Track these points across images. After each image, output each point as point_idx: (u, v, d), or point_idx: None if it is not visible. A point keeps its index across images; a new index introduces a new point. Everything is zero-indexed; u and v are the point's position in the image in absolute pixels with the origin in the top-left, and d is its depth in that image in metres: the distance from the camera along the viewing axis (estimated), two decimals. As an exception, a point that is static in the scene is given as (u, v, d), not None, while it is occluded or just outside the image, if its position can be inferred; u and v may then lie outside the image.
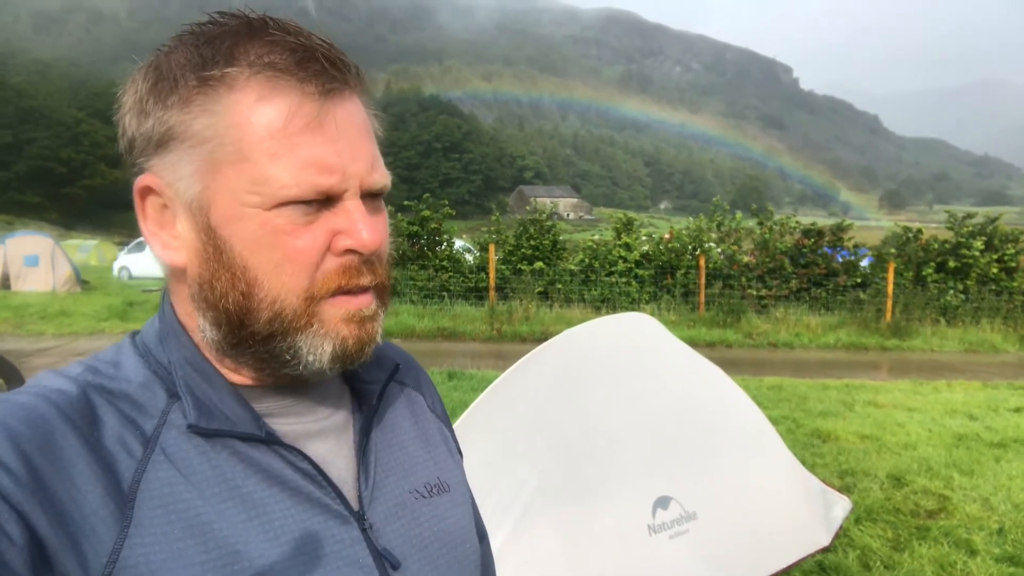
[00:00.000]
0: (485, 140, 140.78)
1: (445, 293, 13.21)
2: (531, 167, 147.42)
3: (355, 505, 0.68)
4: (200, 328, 0.64)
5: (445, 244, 14.07)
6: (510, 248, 14.04)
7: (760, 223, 14.26)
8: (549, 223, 14.53)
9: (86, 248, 33.92)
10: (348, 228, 0.62)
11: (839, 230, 13.90)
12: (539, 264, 13.55)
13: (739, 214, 14.83)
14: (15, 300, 14.14)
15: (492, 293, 12.75)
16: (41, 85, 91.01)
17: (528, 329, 11.05)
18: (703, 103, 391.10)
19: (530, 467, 2.81)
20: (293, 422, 0.68)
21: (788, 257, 13.62)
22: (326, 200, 0.62)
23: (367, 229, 0.62)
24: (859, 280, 13.38)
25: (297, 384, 0.68)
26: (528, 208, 15.36)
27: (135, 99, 0.62)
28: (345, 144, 0.62)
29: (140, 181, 0.62)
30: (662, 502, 3.00)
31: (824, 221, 15.05)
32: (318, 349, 0.63)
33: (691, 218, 15.31)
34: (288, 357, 0.63)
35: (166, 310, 0.67)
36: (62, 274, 16.91)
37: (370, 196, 0.65)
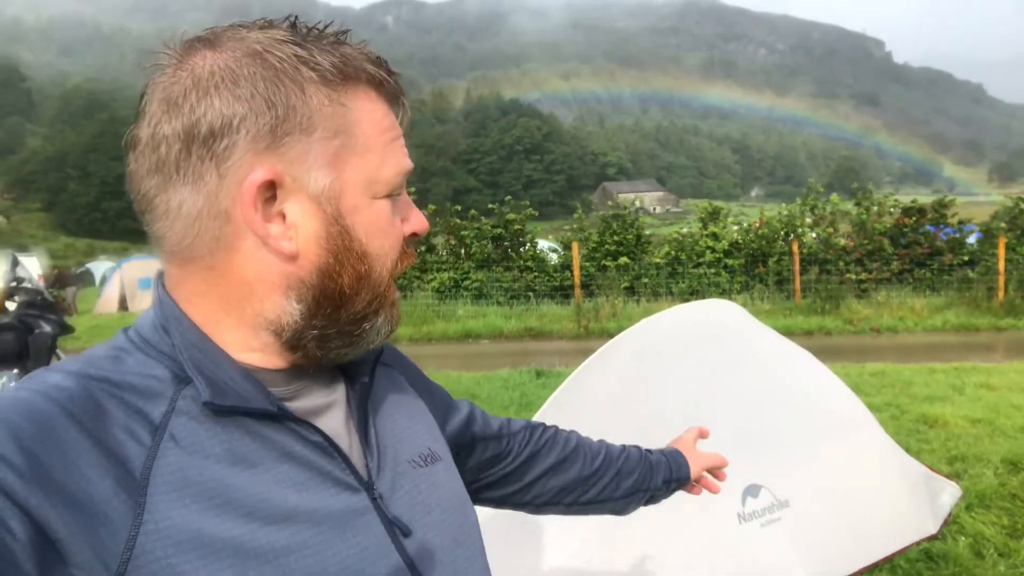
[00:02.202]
0: (566, 139, 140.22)
1: (531, 293, 13.30)
2: (614, 163, 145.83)
3: (364, 476, 0.71)
4: (279, 312, 0.66)
5: (529, 245, 14.15)
6: (594, 245, 13.97)
7: (857, 204, 13.64)
8: (632, 218, 14.37)
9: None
10: (409, 216, 0.73)
11: (941, 207, 13.12)
12: (623, 259, 13.43)
13: (834, 196, 14.22)
14: (131, 320, 15.13)
15: (577, 291, 12.72)
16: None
17: (615, 325, 10.95)
18: (791, 85, 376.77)
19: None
20: (300, 400, 0.70)
21: (888, 238, 12.96)
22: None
23: (422, 217, 0.74)
24: (966, 258, 12.58)
25: (306, 366, 0.70)
26: (611, 204, 15.25)
27: (224, 85, 0.62)
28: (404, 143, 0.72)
29: (259, 175, 0.62)
30: (752, 490, 2.93)
31: (925, 199, 14.22)
32: (384, 327, 0.72)
33: (784, 204, 14.81)
34: (363, 336, 0.71)
35: (163, 299, 0.68)
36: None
37: None
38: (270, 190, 0.63)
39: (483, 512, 0.94)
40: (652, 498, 1.19)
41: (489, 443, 1.03)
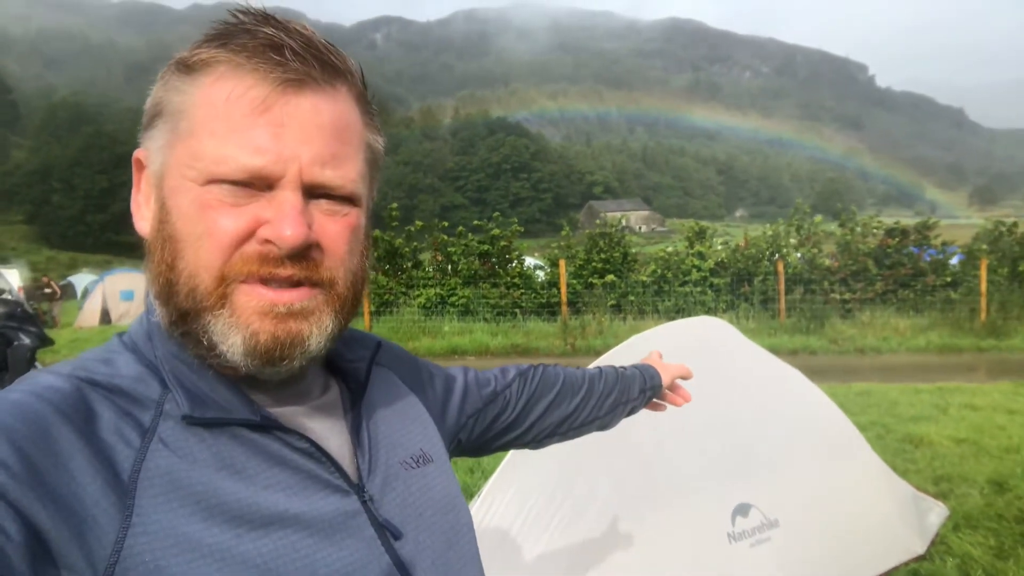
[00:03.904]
0: (553, 158, 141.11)
1: (517, 310, 13.28)
2: (600, 182, 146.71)
3: (354, 479, 0.70)
4: (156, 307, 0.66)
5: (516, 261, 14.15)
6: (580, 263, 14.00)
7: (841, 224, 13.76)
8: (618, 236, 14.42)
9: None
10: (274, 219, 0.61)
11: (925, 228, 13.28)
12: (610, 277, 13.45)
13: (819, 217, 14.36)
14: (112, 333, 14.95)
15: (564, 308, 12.72)
16: (133, 132, 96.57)
17: (602, 342, 10.97)
18: (775, 107, 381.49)
19: (602, 476, 2.78)
20: (288, 405, 0.69)
21: (872, 258, 13.08)
22: (265, 188, 0.62)
23: (291, 223, 0.61)
24: (949, 279, 12.73)
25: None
26: (598, 222, 15.29)
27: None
28: (293, 132, 0.62)
29: (134, 154, 0.68)
30: (742, 509, 2.91)
31: (909, 220, 14.39)
32: (228, 339, 0.62)
33: (768, 224, 14.92)
34: (204, 341, 0.62)
35: (150, 308, 0.68)
36: (155, 308, 17.84)
37: (327, 198, 0.65)
38: (146, 171, 0.67)
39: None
40: (632, 409, 1.27)
41: (487, 408, 1.05)
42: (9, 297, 4.86)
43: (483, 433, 1.05)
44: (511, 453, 2.93)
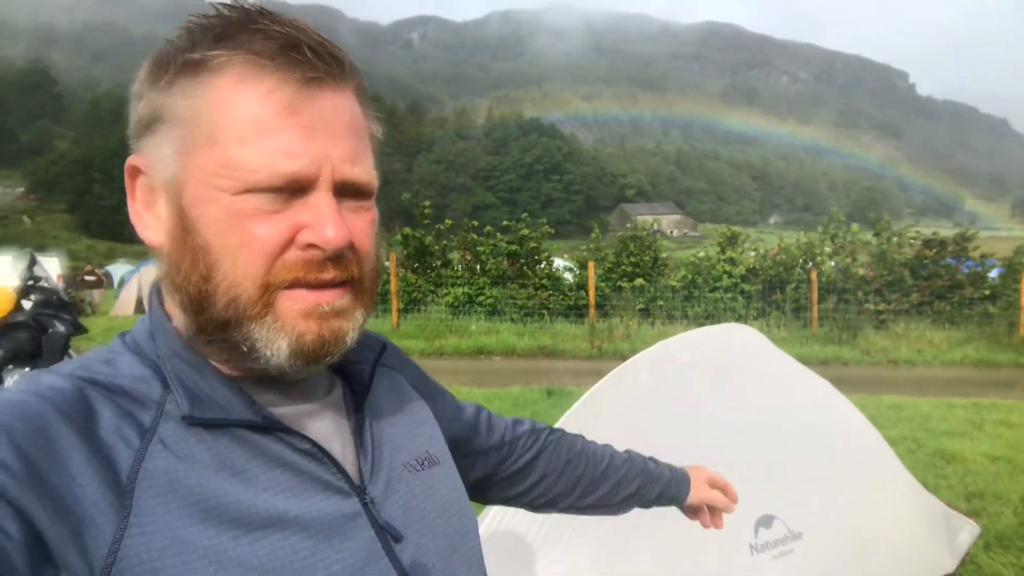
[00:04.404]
0: (586, 160, 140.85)
1: (545, 311, 13.25)
2: (633, 185, 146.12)
3: (356, 480, 0.69)
4: (174, 313, 0.66)
5: (544, 263, 14.13)
6: (610, 265, 13.93)
7: (876, 234, 13.51)
8: (649, 240, 14.33)
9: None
10: (313, 222, 0.61)
11: (963, 240, 12.95)
12: (639, 281, 13.37)
13: (855, 226, 14.11)
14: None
15: (592, 311, 12.67)
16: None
17: (629, 346, 10.89)
18: (813, 113, 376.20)
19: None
20: (289, 406, 0.69)
21: (908, 269, 12.80)
22: (298, 191, 0.61)
23: (332, 225, 0.61)
24: (987, 292, 12.40)
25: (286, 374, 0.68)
26: (629, 226, 15.21)
27: (136, 87, 0.65)
28: (321, 133, 0.61)
29: (128, 161, 0.65)
30: (765, 521, 2.87)
31: (947, 232, 14.07)
32: (274, 343, 0.62)
33: (803, 232, 14.71)
34: (245, 348, 0.62)
35: (154, 306, 0.68)
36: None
37: (351, 195, 0.65)
38: (146, 178, 0.65)
39: (484, 530, 0.92)
40: (644, 505, 1.21)
41: (490, 453, 1.02)
42: (46, 285, 4.97)
43: (482, 480, 1.03)
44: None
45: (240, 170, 0.59)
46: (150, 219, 0.65)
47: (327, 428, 0.71)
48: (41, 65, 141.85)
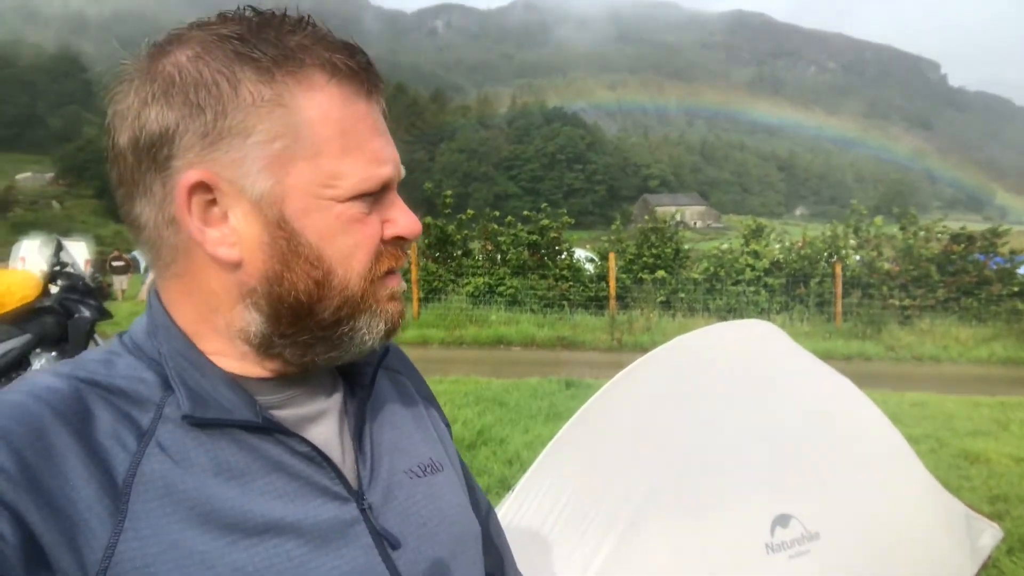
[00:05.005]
0: (609, 150, 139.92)
1: (565, 302, 13.23)
2: (656, 175, 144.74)
3: (355, 486, 0.69)
4: (244, 321, 0.65)
5: (565, 253, 14.09)
6: (631, 257, 13.85)
7: (902, 228, 13.29)
8: (671, 231, 14.22)
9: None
10: (397, 217, 0.69)
11: (993, 235, 12.68)
12: (660, 273, 13.28)
13: (879, 219, 13.87)
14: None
15: (612, 302, 12.62)
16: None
17: (649, 339, 10.83)
18: (841, 104, 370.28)
19: (639, 478, 2.75)
20: (290, 408, 0.69)
21: (935, 264, 12.58)
22: (380, 192, 0.66)
23: (413, 219, 0.69)
24: (1017, 289, 12.15)
25: (293, 373, 0.69)
26: (647, 218, 15.11)
27: (160, 93, 0.61)
28: (388, 137, 0.68)
29: (190, 177, 0.60)
30: (782, 520, 2.84)
31: (976, 226, 13.79)
32: (375, 328, 0.69)
33: (829, 224, 14.50)
34: (347, 340, 0.67)
35: (154, 305, 0.68)
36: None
37: None
38: (207, 194, 0.61)
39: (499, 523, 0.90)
40: None
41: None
42: (72, 271, 5.04)
43: None
44: (549, 445, 2.93)
45: (348, 179, 0.63)
46: (220, 234, 0.62)
47: (328, 431, 0.71)
48: (70, 52, 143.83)
